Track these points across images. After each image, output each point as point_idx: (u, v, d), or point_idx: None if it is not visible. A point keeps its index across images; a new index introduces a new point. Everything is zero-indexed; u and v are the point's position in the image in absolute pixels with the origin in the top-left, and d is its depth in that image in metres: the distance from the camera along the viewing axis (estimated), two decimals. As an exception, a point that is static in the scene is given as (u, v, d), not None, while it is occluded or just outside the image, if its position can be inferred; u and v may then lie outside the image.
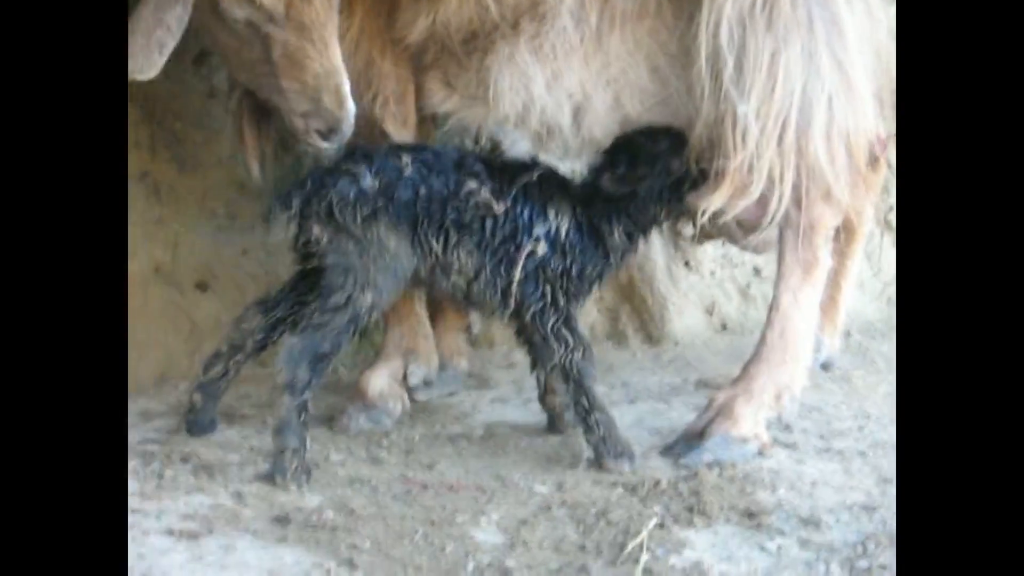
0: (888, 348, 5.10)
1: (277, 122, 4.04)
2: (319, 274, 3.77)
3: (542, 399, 4.19)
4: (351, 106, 3.78)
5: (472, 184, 3.78)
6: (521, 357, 4.20)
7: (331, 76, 3.74)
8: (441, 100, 4.12)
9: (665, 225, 4.98)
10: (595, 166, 3.94)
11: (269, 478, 3.64)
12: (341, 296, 3.70)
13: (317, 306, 3.72)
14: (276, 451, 3.66)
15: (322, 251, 3.74)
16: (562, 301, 3.80)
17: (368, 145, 3.91)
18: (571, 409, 3.84)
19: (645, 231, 3.96)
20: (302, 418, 3.65)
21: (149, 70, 3.49)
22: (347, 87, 3.77)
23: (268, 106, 3.96)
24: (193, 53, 4.68)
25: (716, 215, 3.85)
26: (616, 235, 3.87)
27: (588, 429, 3.81)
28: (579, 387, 3.80)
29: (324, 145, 3.83)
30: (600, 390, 3.95)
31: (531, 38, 3.91)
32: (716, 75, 3.74)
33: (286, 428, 3.64)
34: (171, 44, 3.53)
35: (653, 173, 3.84)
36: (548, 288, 3.79)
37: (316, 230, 3.73)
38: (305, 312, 3.79)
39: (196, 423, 4.06)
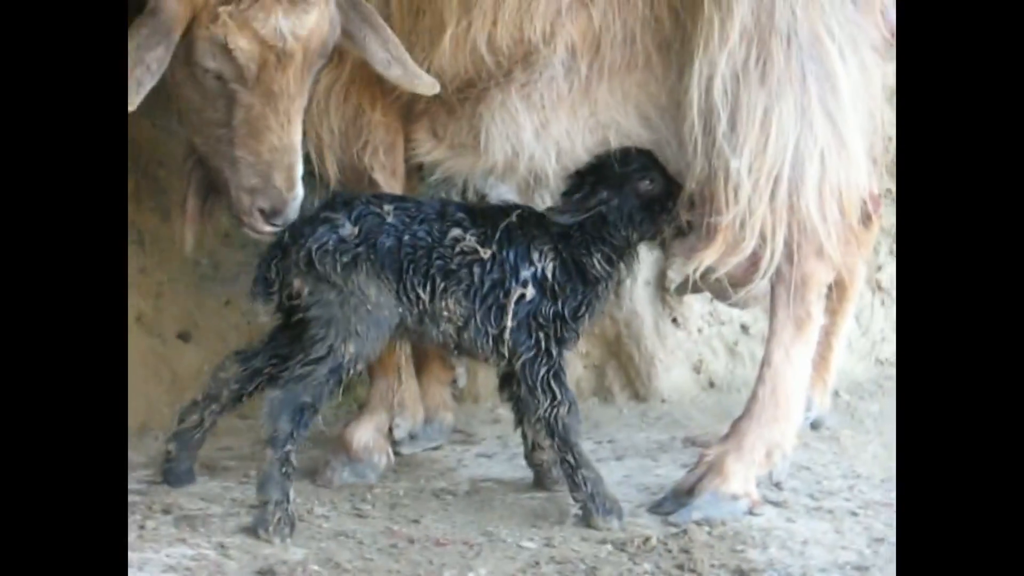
0: (876, 408, 5.08)
1: (224, 200, 3.93)
2: (301, 327, 3.73)
3: (528, 456, 4.13)
4: (300, 191, 3.72)
5: (456, 231, 3.76)
6: (507, 412, 4.17)
7: (287, 153, 3.67)
8: (428, 150, 4.10)
9: (652, 279, 5.04)
10: (562, 192, 3.93)
11: (252, 531, 3.58)
12: (322, 347, 3.66)
13: (299, 358, 3.68)
14: (259, 504, 3.61)
15: (304, 304, 3.70)
16: (554, 351, 3.76)
17: (346, 192, 3.88)
18: (558, 466, 3.80)
19: (623, 255, 3.89)
20: (285, 471, 3.60)
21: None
22: (300, 170, 3.72)
23: (216, 179, 3.86)
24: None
25: (707, 271, 3.84)
26: (597, 263, 3.83)
27: (575, 486, 3.76)
28: (565, 443, 3.75)
29: (265, 229, 3.74)
30: (587, 447, 3.92)
31: (522, 86, 3.91)
32: (709, 130, 3.73)
33: (268, 481, 3.59)
34: (149, 83, 3.50)
35: (620, 195, 3.82)
36: (541, 335, 3.75)
37: (296, 283, 3.70)
38: (286, 365, 3.74)
39: (172, 472, 3.99)
